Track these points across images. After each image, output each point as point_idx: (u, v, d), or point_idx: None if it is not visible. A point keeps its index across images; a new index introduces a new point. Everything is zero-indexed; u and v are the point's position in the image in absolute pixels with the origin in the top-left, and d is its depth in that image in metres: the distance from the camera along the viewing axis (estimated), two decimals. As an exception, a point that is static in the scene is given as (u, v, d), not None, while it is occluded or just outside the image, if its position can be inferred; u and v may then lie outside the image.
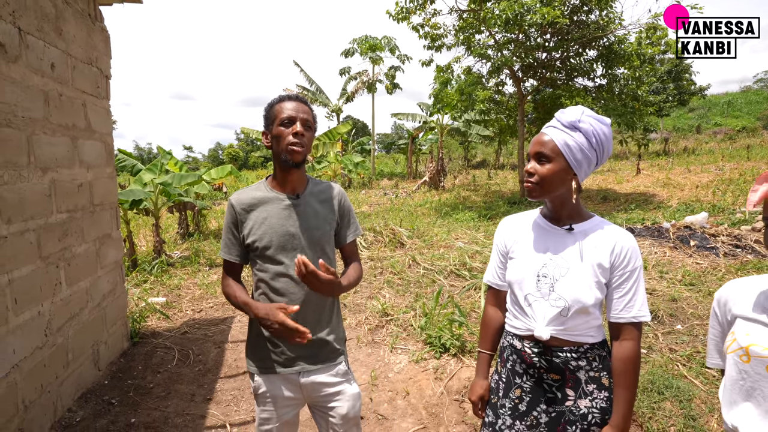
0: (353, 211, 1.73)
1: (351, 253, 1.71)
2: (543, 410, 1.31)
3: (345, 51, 24.41)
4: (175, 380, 3.29)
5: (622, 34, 10.48)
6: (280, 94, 1.60)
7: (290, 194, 1.57)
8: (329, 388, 1.60)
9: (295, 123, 1.50)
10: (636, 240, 5.91)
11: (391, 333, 3.84)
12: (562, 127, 1.27)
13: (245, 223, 1.55)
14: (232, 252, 1.59)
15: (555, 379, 1.30)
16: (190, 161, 47.55)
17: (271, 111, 1.54)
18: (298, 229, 1.54)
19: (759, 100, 38.90)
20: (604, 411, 1.27)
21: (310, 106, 1.59)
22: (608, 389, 1.28)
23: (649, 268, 5.24)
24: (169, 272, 6.08)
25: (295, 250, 1.53)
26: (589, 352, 1.28)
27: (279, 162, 1.54)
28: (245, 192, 1.59)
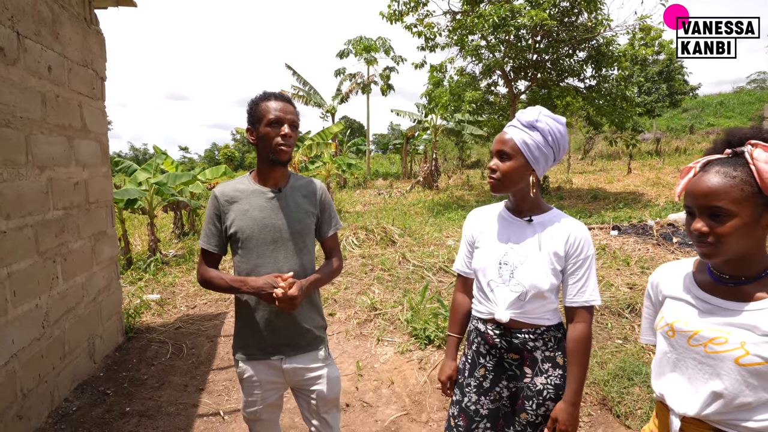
0: (333, 206, 1.82)
1: (332, 247, 1.80)
2: (504, 386, 1.44)
3: (340, 52, 24.53)
4: (169, 372, 3.40)
5: (610, 36, 10.66)
6: (264, 91, 1.65)
7: (272, 188, 1.65)
8: (310, 373, 1.70)
9: (282, 125, 1.57)
10: (621, 237, 6.02)
11: (378, 326, 3.96)
12: (522, 127, 1.38)
13: (228, 214, 1.61)
14: (212, 242, 1.63)
15: (514, 359, 1.43)
16: (186, 161, 47.51)
17: (257, 109, 1.58)
18: (280, 221, 1.62)
19: (751, 101, 39.25)
20: (558, 387, 1.39)
21: (294, 104, 1.64)
22: (562, 367, 1.40)
23: (632, 263, 5.39)
24: (164, 270, 6.18)
25: (276, 242, 1.61)
26: (545, 334, 1.40)
27: (265, 159, 1.62)
28: (229, 184, 1.66)
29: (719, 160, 1.04)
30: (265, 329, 1.63)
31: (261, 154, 1.63)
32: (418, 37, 11.74)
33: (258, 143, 1.61)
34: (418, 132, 21.36)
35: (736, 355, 1.00)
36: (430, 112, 15.05)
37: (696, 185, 1.04)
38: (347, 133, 28.22)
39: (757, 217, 0.98)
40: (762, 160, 0.97)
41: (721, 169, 1.01)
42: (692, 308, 1.12)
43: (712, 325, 1.06)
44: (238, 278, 1.57)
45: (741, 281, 1.06)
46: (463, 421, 1.50)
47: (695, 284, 1.14)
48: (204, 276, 1.63)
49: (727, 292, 1.07)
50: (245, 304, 1.65)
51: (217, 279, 1.61)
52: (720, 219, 1.00)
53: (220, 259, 1.68)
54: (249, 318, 1.65)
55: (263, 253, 1.60)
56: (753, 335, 0.99)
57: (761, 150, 0.98)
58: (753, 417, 1.00)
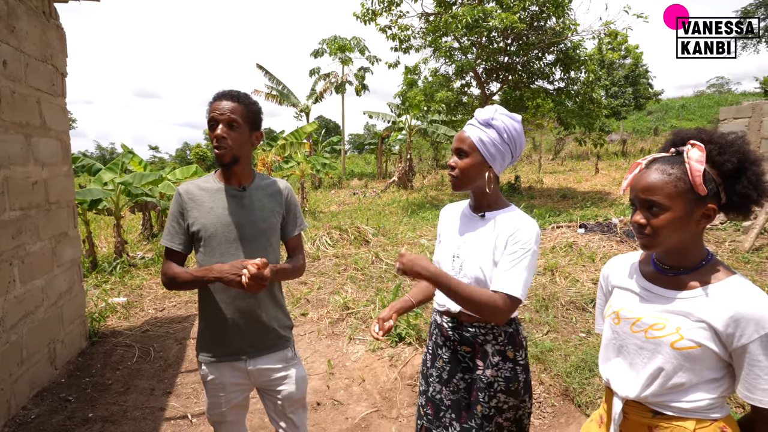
0: (299, 206, 1.81)
1: (295, 246, 1.80)
2: (461, 378, 1.49)
3: (314, 51, 24.36)
4: (135, 376, 3.33)
5: (577, 40, 11.00)
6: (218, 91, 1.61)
7: (237, 186, 1.64)
8: (276, 373, 1.69)
9: (217, 125, 1.53)
10: (588, 235, 6.21)
11: (350, 325, 3.98)
12: (478, 125, 1.42)
13: (191, 212, 1.59)
14: (176, 240, 1.61)
15: (466, 351, 1.47)
16: (156, 161, 46.16)
17: (208, 112, 1.57)
18: (244, 219, 1.61)
19: (710, 104, 41.12)
20: (508, 380, 1.42)
21: (242, 101, 1.57)
22: (512, 361, 1.43)
23: (597, 260, 5.59)
24: (131, 273, 6.01)
25: (240, 240, 1.60)
26: (495, 329, 1.43)
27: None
28: (193, 183, 1.64)
29: (662, 158, 1.11)
30: (230, 330, 1.61)
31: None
32: (392, 40, 11.81)
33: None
34: (393, 132, 21.45)
35: (672, 339, 1.07)
36: (404, 112, 15.15)
37: (638, 181, 1.11)
38: (322, 133, 28.06)
39: (690, 212, 1.05)
40: (695, 159, 1.04)
41: (660, 166, 1.08)
42: (636, 296, 1.19)
43: (652, 312, 1.13)
44: (202, 268, 1.54)
45: (680, 271, 1.13)
46: (431, 410, 1.54)
47: (640, 274, 1.21)
48: (168, 274, 1.59)
49: (667, 282, 1.14)
50: (209, 305, 1.63)
51: (181, 274, 1.57)
52: (655, 212, 1.07)
53: (185, 258, 1.65)
54: (213, 319, 1.63)
55: (227, 251, 1.59)
56: (687, 321, 1.06)
57: (696, 150, 1.05)
58: (685, 397, 1.07)
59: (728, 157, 1.04)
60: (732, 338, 1.00)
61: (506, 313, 1.32)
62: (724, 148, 1.05)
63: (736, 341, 1.00)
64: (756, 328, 0.98)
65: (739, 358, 1.02)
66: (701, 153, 1.04)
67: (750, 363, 0.99)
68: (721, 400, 1.08)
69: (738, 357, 1.02)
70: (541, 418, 2.67)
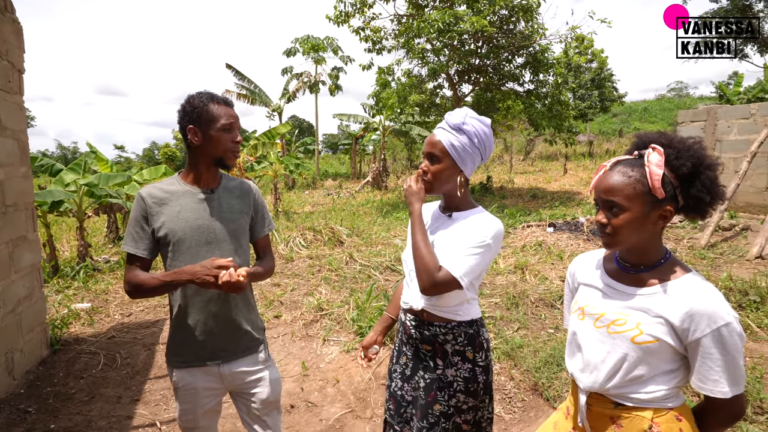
0: (266, 206, 1.81)
1: (264, 247, 1.79)
2: (421, 376, 1.51)
3: (287, 50, 24.08)
4: (100, 384, 3.21)
5: (545, 44, 11.30)
6: (206, 91, 1.60)
7: (204, 189, 1.61)
8: (249, 376, 1.67)
9: (235, 131, 1.58)
10: (556, 234, 6.40)
11: (325, 326, 3.97)
12: (449, 129, 1.43)
13: (156, 216, 1.54)
14: (140, 245, 1.55)
15: (427, 350, 1.49)
16: (122, 161, 44.53)
17: (206, 110, 1.53)
18: (214, 222, 1.59)
19: (671, 107, 43.00)
20: (467, 380, 1.45)
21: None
22: (471, 362, 1.46)
23: (565, 258, 5.77)
24: (96, 277, 5.79)
25: (210, 243, 1.57)
26: (455, 329, 1.45)
27: (208, 162, 1.58)
28: (156, 186, 1.59)
29: (625, 161, 1.16)
30: (203, 334, 1.59)
31: (204, 156, 1.57)
32: (365, 42, 11.82)
33: (204, 145, 1.55)
34: (367, 132, 21.46)
35: (632, 334, 1.12)
36: (378, 113, 15.18)
37: (600, 182, 1.16)
38: (296, 133, 27.76)
39: (647, 212, 1.10)
40: (654, 162, 1.09)
41: (622, 168, 1.13)
42: (600, 293, 1.24)
43: (614, 308, 1.18)
44: (172, 272, 1.49)
45: (640, 269, 1.19)
46: (393, 405, 1.57)
47: (604, 271, 1.27)
48: (133, 281, 1.53)
49: (629, 279, 1.20)
50: (181, 308, 1.59)
51: (148, 280, 1.51)
52: (615, 212, 1.12)
53: (150, 264, 1.60)
54: (185, 322, 1.59)
55: (196, 254, 1.56)
56: (647, 316, 1.12)
57: (656, 154, 1.10)
58: (644, 389, 1.13)
59: (684, 161, 1.09)
60: (687, 333, 1.06)
61: (440, 286, 1.33)
62: (681, 153, 1.10)
63: (691, 335, 1.05)
64: (708, 323, 1.03)
65: (693, 351, 1.07)
66: (660, 157, 1.09)
67: (703, 356, 1.05)
68: (677, 390, 1.14)
69: (692, 350, 1.07)
70: (511, 413, 2.74)
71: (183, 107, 1.57)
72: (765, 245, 5.58)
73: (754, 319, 3.72)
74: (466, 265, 1.34)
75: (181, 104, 1.58)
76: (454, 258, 1.36)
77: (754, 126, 7.46)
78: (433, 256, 1.36)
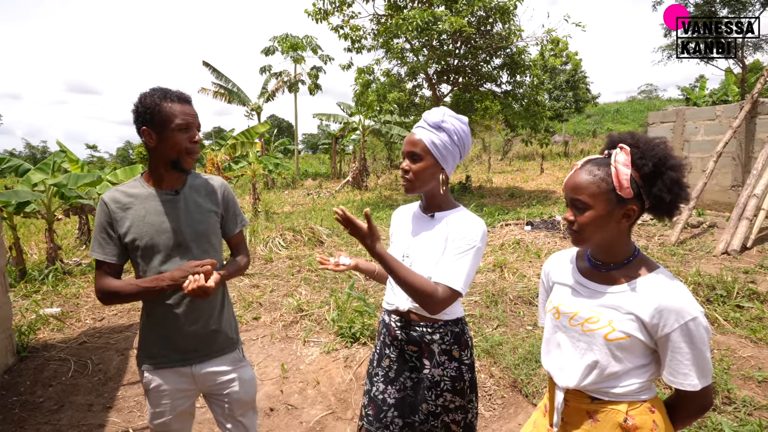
0: (237, 202, 1.76)
1: (238, 244, 1.76)
2: (407, 377, 1.51)
3: (265, 49, 23.73)
4: (71, 392, 3.10)
5: (522, 46, 11.49)
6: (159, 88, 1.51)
7: (169, 190, 1.56)
8: (222, 376, 1.64)
9: (192, 130, 1.50)
10: (534, 232, 6.50)
11: (305, 327, 3.93)
12: (429, 128, 1.43)
13: (121, 222, 1.49)
14: (108, 251, 1.50)
15: (413, 350, 1.49)
16: (94, 161, 43.14)
17: (159, 110, 1.46)
18: (182, 224, 1.54)
19: (641, 109, 44.30)
20: (454, 379, 1.46)
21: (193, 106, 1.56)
22: (458, 360, 1.47)
23: (542, 256, 5.87)
24: (66, 281, 5.59)
25: (180, 246, 1.54)
26: (442, 328, 1.46)
27: (165, 164, 1.52)
28: (119, 189, 1.53)
29: (594, 160, 1.18)
30: (176, 335, 1.56)
31: (161, 158, 1.51)
32: (344, 40, 11.77)
33: (159, 147, 1.49)
34: (346, 132, 21.38)
35: (605, 332, 1.15)
36: (357, 112, 15.15)
37: (569, 180, 1.18)
38: (275, 133, 27.44)
39: (611, 210, 1.12)
40: (620, 162, 1.12)
41: (589, 167, 1.16)
42: (573, 291, 1.26)
43: (587, 306, 1.20)
44: (150, 278, 1.47)
45: (611, 267, 1.21)
46: (372, 410, 1.55)
47: (576, 270, 1.29)
48: (107, 288, 1.48)
49: (600, 277, 1.22)
50: (155, 310, 1.56)
51: (125, 287, 1.47)
52: (580, 210, 1.14)
53: (120, 269, 1.55)
54: (159, 324, 1.56)
55: (168, 258, 1.52)
56: (618, 314, 1.15)
57: (622, 153, 1.13)
58: (619, 384, 1.16)
59: (647, 161, 1.11)
60: (657, 328, 1.09)
61: (443, 303, 1.34)
62: (645, 153, 1.12)
63: (660, 331, 1.09)
64: (677, 318, 1.07)
65: (663, 346, 1.11)
66: (626, 156, 1.11)
67: (672, 350, 1.08)
68: (649, 383, 1.17)
69: (662, 345, 1.11)
70: (491, 410, 2.77)
71: (136, 108, 1.49)
72: (730, 242, 5.81)
73: (721, 312, 3.87)
74: (462, 274, 1.35)
75: (134, 104, 1.50)
76: (447, 268, 1.36)
77: (720, 127, 7.76)
78: (424, 282, 1.33)
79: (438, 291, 1.33)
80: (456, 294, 1.35)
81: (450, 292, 1.34)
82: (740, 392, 2.73)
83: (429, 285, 1.34)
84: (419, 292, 1.32)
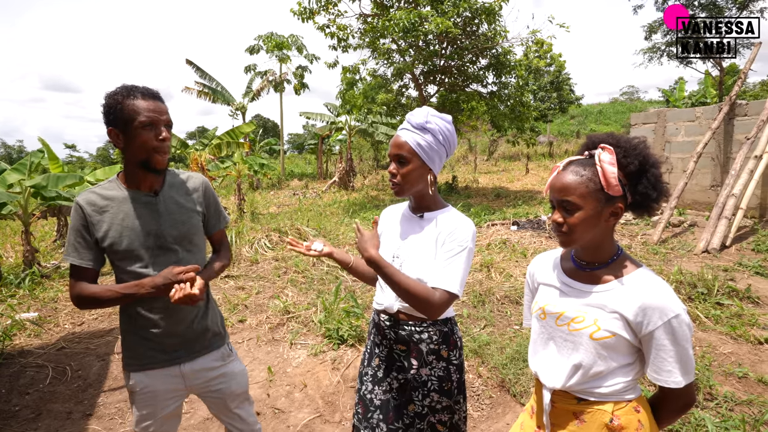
0: (219, 200, 1.73)
1: (219, 241, 1.74)
2: (394, 377, 1.50)
3: (250, 48, 23.49)
4: (48, 400, 3.01)
5: (507, 47, 11.58)
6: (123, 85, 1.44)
7: (148, 191, 1.51)
8: (212, 372, 1.62)
9: (159, 127, 1.42)
10: (520, 232, 6.56)
11: (291, 330, 3.88)
12: (413, 129, 1.42)
13: (98, 225, 1.43)
14: (85, 256, 1.44)
15: (402, 350, 1.48)
16: (74, 161, 42.14)
17: (122, 109, 1.39)
18: (162, 226, 1.50)
19: (623, 110, 45.15)
20: (442, 379, 1.45)
21: (163, 101, 1.49)
22: (446, 360, 1.46)
23: (528, 255, 5.92)
24: (44, 285, 5.44)
25: (162, 248, 1.50)
26: (431, 328, 1.45)
27: (136, 165, 1.45)
28: (94, 191, 1.47)
29: (577, 161, 1.19)
30: (161, 336, 1.52)
31: (131, 160, 1.45)
32: (330, 38, 11.71)
33: (127, 148, 1.42)
34: (333, 132, 21.29)
35: (591, 331, 1.15)
36: (344, 112, 15.10)
37: (554, 182, 1.18)
38: (260, 133, 27.17)
39: (600, 210, 1.14)
40: (606, 161, 1.13)
41: (575, 168, 1.16)
42: (558, 292, 1.26)
43: (573, 306, 1.21)
44: (131, 284, 1.42)
45: (595, 267, 1.22)
46: (361, 409, 1.55)
47: (561, 270, 1.29)
48: (83, 294, 1.42)
49: (584, 277, 1.23)
50: (138, 311, 1.51)
51: (104, 293, 1.42)
52: (570, 211, 1.15)
53: (97, 275, 1.50)
54: (139, 323, 1.52)
55: (150, 262, 1.48)
56: (603, 313, 1.15)
57: (606, 153, 1.14)
58: (604, 384, 1.16)
59: (632, 160, 1.13)
60: (641, 326, 1.10)
61: (441, 307, 1.34)
62: (629, 152, 1.14)
63: (644, 328, 1.10)
64: (660, 316, 1.08)
65: (647, 344, 1.12)
66: (611, 156, 1.13)
67: (656, 348, 1.10)
68: (634, 382, 1.18)
69: (646, 343, 1.12)
70: (479, 410, 2.77)
71: (102, 107, 1.43)
72: (710, 240, 5.94)
73: (702, 310, 3.95)
74: (457, 276, 1.35)
75: (101, 104, 1.44)
76: (441, 272, 1.36)
77: (699, 128, 7.93)
78: (421, 287, 1.34)
79: (435, 295, 1.34)
80: (453, 297, 1.35)
81: (447, 295, 1.34)
82: (722, 388, 2.78)
83: (425, 290, 1.34)
84: (416, 298, 1.33)
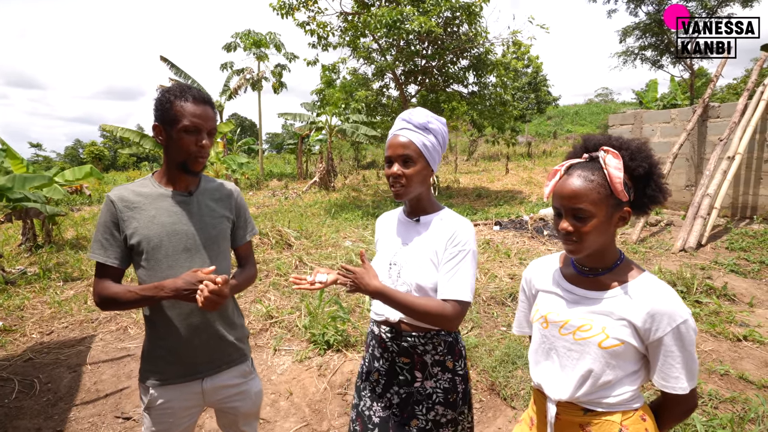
0: (248, 209, 1.70)
1: (246, 254, 1.69)
2: (395, 392, 1.42)
3: (227, 45, 23.06)
4: (14, 416, 2.82)
5: (488, 47, 11.67)
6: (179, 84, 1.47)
7: (183, 191, 1.49)
8: (232, 389, 1.58)
9: (201, 133, 1.42)
10: (502, 232, 6.58)
11: (275, 335, 3.77)
12: (416, 129, 1.37)
13: (128, 222, 1.41)
14: (111, 254, 1.41)
15: (405, 362, 1.41)
16: (40, 161, 40.52)
17: (171, 107, 1.40)
18: (193, 227, 1.47)
19: (598, 111, 46.34)
20: (447, 391, 1.39)
21: (214, 107, 1.50)
22: (451, 371, 1.40)
23: (512, 255, 5.94)
24: (8, 292, 5.15)
25: (189, 250, 1.46)
26: (435, 338, 1.39)
27: (175, 165, 1.45)
28: (127, 188, 1.46)
29: (580, 164, 1.14)
30: (183, 348, 1.46)
31: (171, 159, 1.46)
32: (310, 36, 11.56)
33: (168, 146, 1.44)
34: (312, 131, 21.07)
35: (599, 339, 1.11)
36: (323, 112, 14.95)
37: (562, 188, 1.12)
38: (237, 132, 26.70)
39: (610, 215, 1.10)
40: (613, 166, 1.08)
41: (582, 173, 1.11)
42: (561, 300, 1.21)
43: (578, 314, 1.16)
44: (151, 285, 1.37)
45: (598, 272, 1.18)
46: (359, 426, 1.48)
47: (563, 277, 1.24)
48: (105, 293, 1.39)
49: (588, 283, 1.19)
50: (158, 322, 1.46)
51: (123, 294, 1.38)
52: (582, 219, 1.10)
53: (122, 274, 1.46)
54: (162, 336, 1.46)
55: (175, 263, 1.43)
56: (610, 320, 1.11)
57: (612, 157, 1.10)
58: (612, 393, 1.12)
59: (639, 163, 1.10)
60: (649, 332, 1.07)
61: (457, 318, 1.30)
62: (635, 155, 1.11)
63: (653, 335, 1.06)
64: (669, 322, 1.05)
65: (655, 350, 1.08)
66: (618, 160, 1.09)
67: (665, 354, 1.07)
68: (638, 390, 1.15)
69: (654, 349, 1.08)
70: (470, 415, 2.73)
71: (154, 101, 1.45)
72: (687, 239, 6.09)
73: (683, 308, 4.01)
74: (466, 283, 1.32)
75: (154, 98, 1.45)
76: (448, 282, 1.32)
77: (674, 129, 8.14)
78: (433, 304, 1.29)
79: (447, 308, 1.29)
80: (466, 305, 1.31)
81: (459, 307, 1.30)
82: (706, 386, 2.82)
83: (438, 305, 1.29)
84: (430, 315, 1.28)
